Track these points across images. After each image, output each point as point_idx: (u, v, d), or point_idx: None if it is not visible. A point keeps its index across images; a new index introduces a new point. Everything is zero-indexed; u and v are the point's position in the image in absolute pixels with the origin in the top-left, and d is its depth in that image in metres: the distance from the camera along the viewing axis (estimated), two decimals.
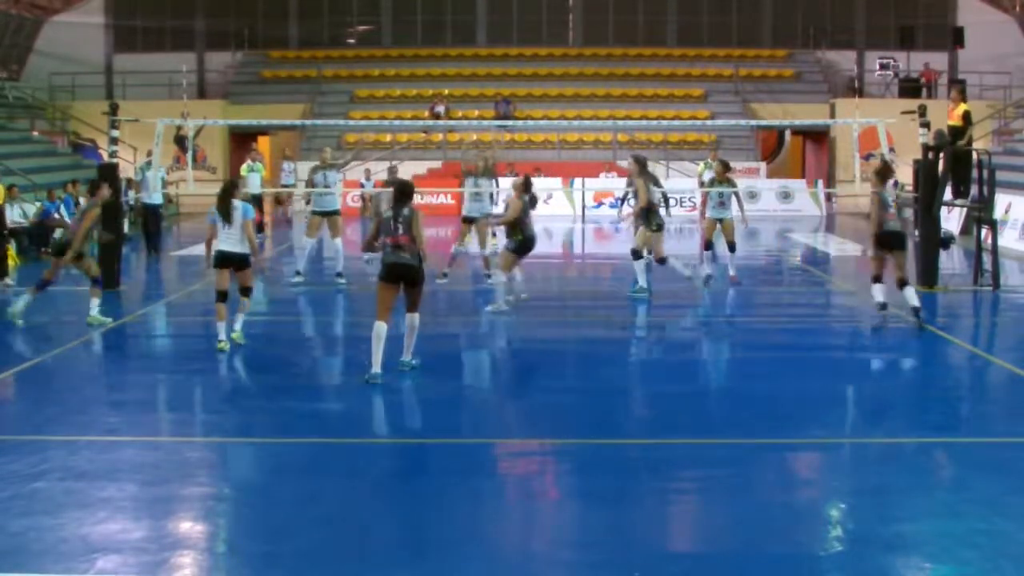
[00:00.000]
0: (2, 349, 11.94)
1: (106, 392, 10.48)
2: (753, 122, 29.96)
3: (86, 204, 13.26)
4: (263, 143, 34.32)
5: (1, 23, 34.06)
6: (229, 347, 11.39)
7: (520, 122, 31.34)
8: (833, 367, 11.43)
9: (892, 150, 16.63)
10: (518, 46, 37.27)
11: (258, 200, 23.48)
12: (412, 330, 10.30)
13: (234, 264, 11.49)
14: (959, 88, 18.98)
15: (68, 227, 13.16)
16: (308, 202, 18.68)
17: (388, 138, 33.23)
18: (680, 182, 28.59)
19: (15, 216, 18.87)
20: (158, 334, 13.63)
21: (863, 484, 7.50)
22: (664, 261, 15.10)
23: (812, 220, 29.86)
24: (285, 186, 27.79)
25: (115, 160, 16.46)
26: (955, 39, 34.95)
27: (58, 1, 36.13)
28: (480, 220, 16.13)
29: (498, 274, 13.88)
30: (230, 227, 11.36)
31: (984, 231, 16.23)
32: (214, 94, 35.87)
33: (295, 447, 8.35)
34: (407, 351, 10.38)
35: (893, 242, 12.66)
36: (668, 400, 9.85)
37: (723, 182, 16.44)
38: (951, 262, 18.35)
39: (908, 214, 13.11)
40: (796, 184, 32.78)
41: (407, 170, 26.52)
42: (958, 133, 16.25)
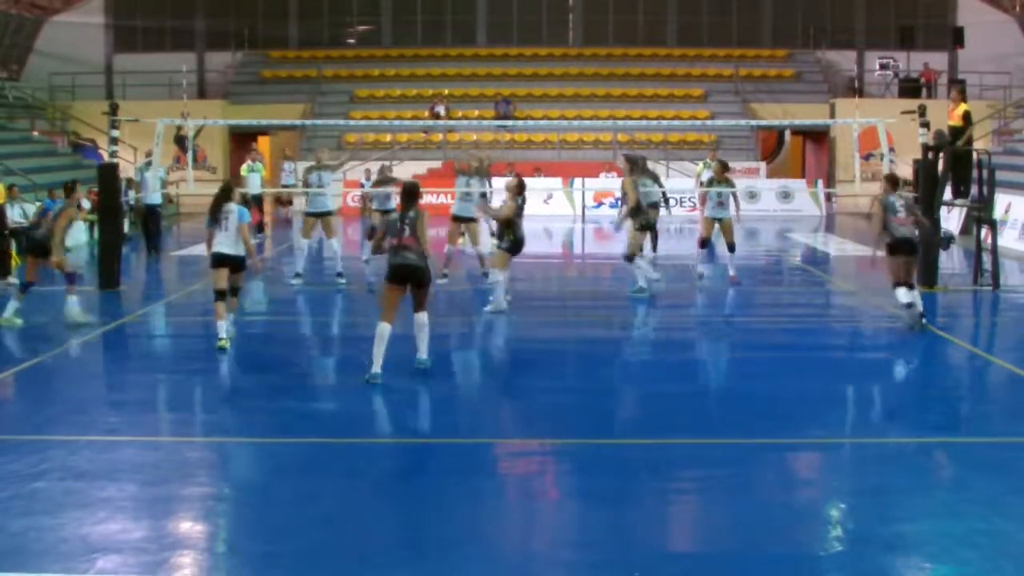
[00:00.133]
0: (2, 349, 11.95)
1: (106, 392, 10.50)
2: (753, 122, 29.90)
3: (63, 204, 13.29)
4: (263, 143, 34.34)
5: (1, 23, 34.05)
6: (230, 344, 11.42)
7: (520, 122, 31.36)
8: (833, 367, 11.44)
9: (892, 150, 16.63)
10: (518, 46, 37.24)
11: (258, 200, 23.50)
12: (422, 329, 10.29)
13: (230, 265, 11.57)
14: (959, 88, 18.99)
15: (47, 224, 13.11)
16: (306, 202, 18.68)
17: (388, 138, 33.24)
18: (680, 182, 28.57)
19: (16, 216, 18.85)
20: (158, 334, 13.63)
21: (863, 484, 7.50)
22: (631, 260, 15.08)
23: (812, 220, 29.85)
24: (285, 186, 27.78)
25: (115, 160, 16.49)
26: (955, 39, 34.92)
27: (58, 1, 36.11)
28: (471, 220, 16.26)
29: (495, 272, 13.89)
30: (225, 230, 11.43)
31: (984, 231, 16.23)
32: (214, 94, 35.83)
33: (295, 447, 8.35)
34: (422, 350, 10.36)
35: (906, 249, 12.52)
36: (668, 400, 9.84)
37: (722, 182, 16.45)
38: (951, 262, 18.35)
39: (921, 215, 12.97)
40: (796, 184, 32.75)
41: (407, 170, 26.45)
42: (958, 133, 16.26)
